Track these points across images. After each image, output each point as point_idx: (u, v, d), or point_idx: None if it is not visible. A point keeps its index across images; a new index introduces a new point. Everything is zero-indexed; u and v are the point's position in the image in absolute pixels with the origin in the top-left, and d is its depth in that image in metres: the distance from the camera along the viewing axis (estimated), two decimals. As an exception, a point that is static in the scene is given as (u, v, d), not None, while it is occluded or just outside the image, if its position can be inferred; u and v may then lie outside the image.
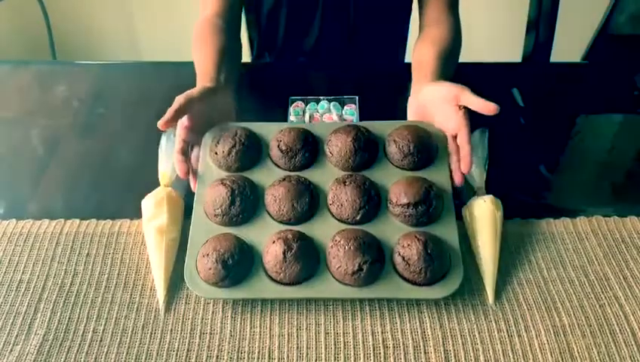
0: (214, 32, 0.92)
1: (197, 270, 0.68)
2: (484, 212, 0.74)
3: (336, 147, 0.77)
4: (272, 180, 0.75)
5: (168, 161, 0.79)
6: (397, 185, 0.74)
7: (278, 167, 0.78)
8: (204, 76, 0.84)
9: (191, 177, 0.77)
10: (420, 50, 0.93)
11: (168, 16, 2.12)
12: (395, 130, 0.79)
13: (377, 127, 0.80)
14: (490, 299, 0.69)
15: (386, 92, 1.02)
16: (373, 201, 0.73)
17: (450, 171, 0.77)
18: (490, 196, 0.76)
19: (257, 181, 0.76)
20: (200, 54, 0.88)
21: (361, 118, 0.91)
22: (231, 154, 0.76)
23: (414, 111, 0.85)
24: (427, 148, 0.77)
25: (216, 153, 0.78)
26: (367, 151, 0.77)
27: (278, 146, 0.77)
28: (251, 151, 0.78)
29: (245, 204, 0.72)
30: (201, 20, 0.95)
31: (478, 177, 0.78)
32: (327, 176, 0.76)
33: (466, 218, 0.76)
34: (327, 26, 1.10)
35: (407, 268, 0.67)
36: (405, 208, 0.71)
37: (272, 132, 0.80)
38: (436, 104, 0.80)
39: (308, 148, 0.78)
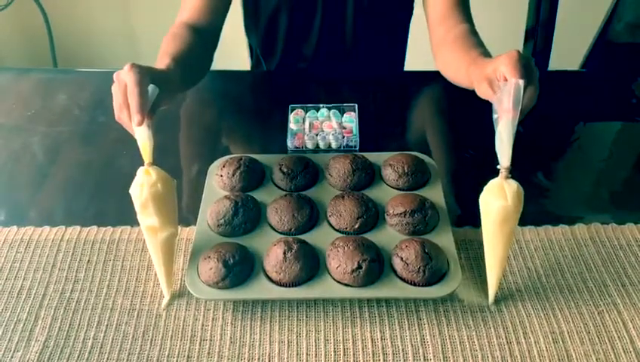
0: (175, 36, 0.92)
1: (198, 274, 0.69)
2: (505, 215, 0.64)
3: (335, 169, 0.81)
4: (273, 198, 0.78)
5: (145, 132, 0.68)
6: (393, 199, 0.77)
7: (280, 188, 0.81)
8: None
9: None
10: (450, 51, 0.89)
11: (169, 25, 2.12)
12: (390, 157, 0.83)
13: (373, 156, 0.84)
14: (490, 299, 0.69)
15: (386, 99, 1.03)
16: (370, 212, 0.75)
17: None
18: (515, 185, 0.63)
19: (260, 200, 0.78)
20: (160, 54, 0.87)
21: (361, 125, 0.92)
22: (235, 175, 0.80)
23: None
24: (421, 170, 0.81)
25: (221, 176, 0.81)
26: (364, 171, 0.80)
27: (280, 169, 0.81)
28: (255, 173, 0.81)
29: (248, 215, 0.74)
30: (173, 25, 0.96)
31: (505, 150, 0.63)
32: (327, 195, 0.79)
33: (482, 206, 0.66)
34: (325, 31, 1.11)
35: (405, 268, 0.68)
36: (402, 217, 0.73)
37: (274, 159, 0.84)
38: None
39: (308, 170, 0.81)
